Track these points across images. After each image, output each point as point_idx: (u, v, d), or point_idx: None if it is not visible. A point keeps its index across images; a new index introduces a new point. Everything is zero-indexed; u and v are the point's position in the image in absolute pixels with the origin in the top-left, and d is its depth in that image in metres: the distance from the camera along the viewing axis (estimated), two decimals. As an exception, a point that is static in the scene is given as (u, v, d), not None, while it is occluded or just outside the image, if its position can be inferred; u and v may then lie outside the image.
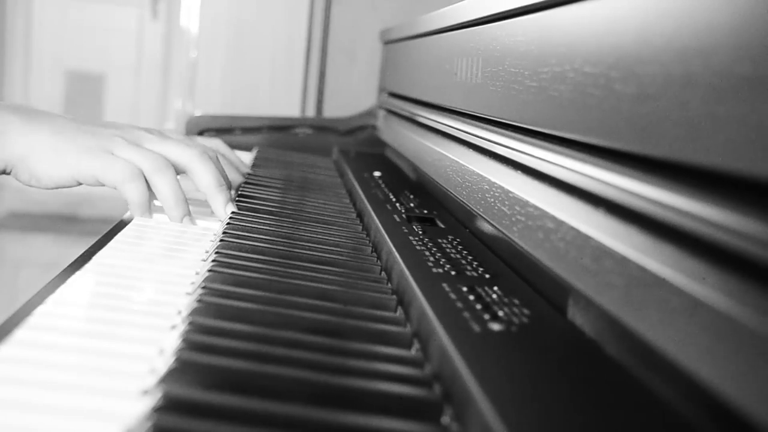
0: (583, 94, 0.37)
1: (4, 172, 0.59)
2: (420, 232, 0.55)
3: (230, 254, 0.48)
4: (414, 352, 0.37)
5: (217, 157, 0.65)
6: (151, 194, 0.59)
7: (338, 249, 0.54)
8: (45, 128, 0.58)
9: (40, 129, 0.58)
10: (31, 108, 0.61)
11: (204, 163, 0.61)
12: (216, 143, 0.80)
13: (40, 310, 0.36)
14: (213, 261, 0.46)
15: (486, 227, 0.55)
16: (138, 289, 0.42)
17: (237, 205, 0.64)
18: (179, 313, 0.39)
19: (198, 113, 1.48)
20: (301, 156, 1.04)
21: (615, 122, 0.33)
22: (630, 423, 0.27)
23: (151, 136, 0.62)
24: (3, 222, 2.60)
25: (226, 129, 1.11)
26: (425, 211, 0.64)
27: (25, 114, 0.59)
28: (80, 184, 0.59)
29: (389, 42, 1.07)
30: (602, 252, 0.32)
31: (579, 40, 0.38)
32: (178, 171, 0.61)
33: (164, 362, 0.32)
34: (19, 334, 0.33)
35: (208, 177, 0.61)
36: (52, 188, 0.59)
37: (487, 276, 0.45)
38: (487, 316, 0.37)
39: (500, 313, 0.37)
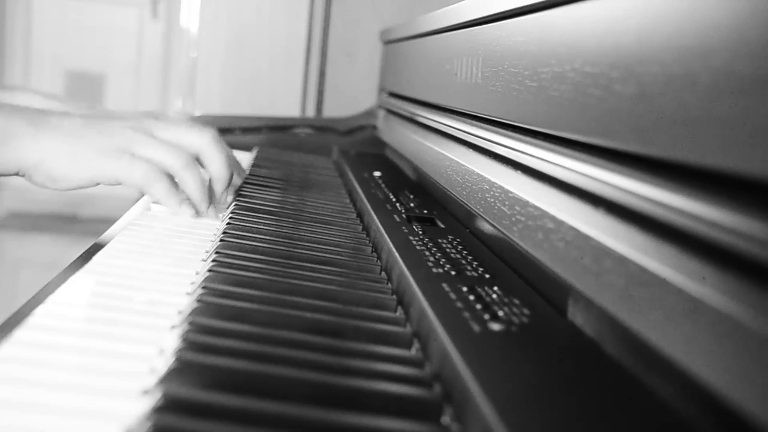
0: (583, 94, 0.37)
1: (17, 174, 0.59)
2: (420, 232, 0.55)
3: (230, 254, 0.48)
4: (414, 352, 0.37)
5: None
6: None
7: (338, 249, 0.54)
8: (57, 132, 0.58)
9: (53, 133, 0.58)
10: (37, 109, 0.61)
11: (218, 149, 0.63)
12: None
13: (40, 310, 0.36)
14: (213, 261, 0.46)
15: (486, 227, 0.54)
16: (138, 288, 0.42)
17: (237, 204, 0.64)
18: (179, 313, 0.39)
19: (198, 113, 1.48)
20: (301, 156, 1.04)
21: (615, 122, 0.33)
22: (630, 423, 0.27)
23: (160, 123, 0.63)
24: (3, 222, 2.60)
25: (226, 129, 1.11)
26: (425, 211, 0.64)
27: (33, 117, 0.58)
28: (98, 184, 0.59)
29: (389, 42, 1.07)
30: (602, 252, 0.32)
31: (579, 40, 0.38)
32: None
33: (164, 362, 0.32)
34: (19, 334, 0.33)
35: (221, 163, 0.63)
36: (70, 190, 0.60)
37: (487, 276, 0.45)
38: (487, 316, 0.37)
39: (500, 313, 0.37)
